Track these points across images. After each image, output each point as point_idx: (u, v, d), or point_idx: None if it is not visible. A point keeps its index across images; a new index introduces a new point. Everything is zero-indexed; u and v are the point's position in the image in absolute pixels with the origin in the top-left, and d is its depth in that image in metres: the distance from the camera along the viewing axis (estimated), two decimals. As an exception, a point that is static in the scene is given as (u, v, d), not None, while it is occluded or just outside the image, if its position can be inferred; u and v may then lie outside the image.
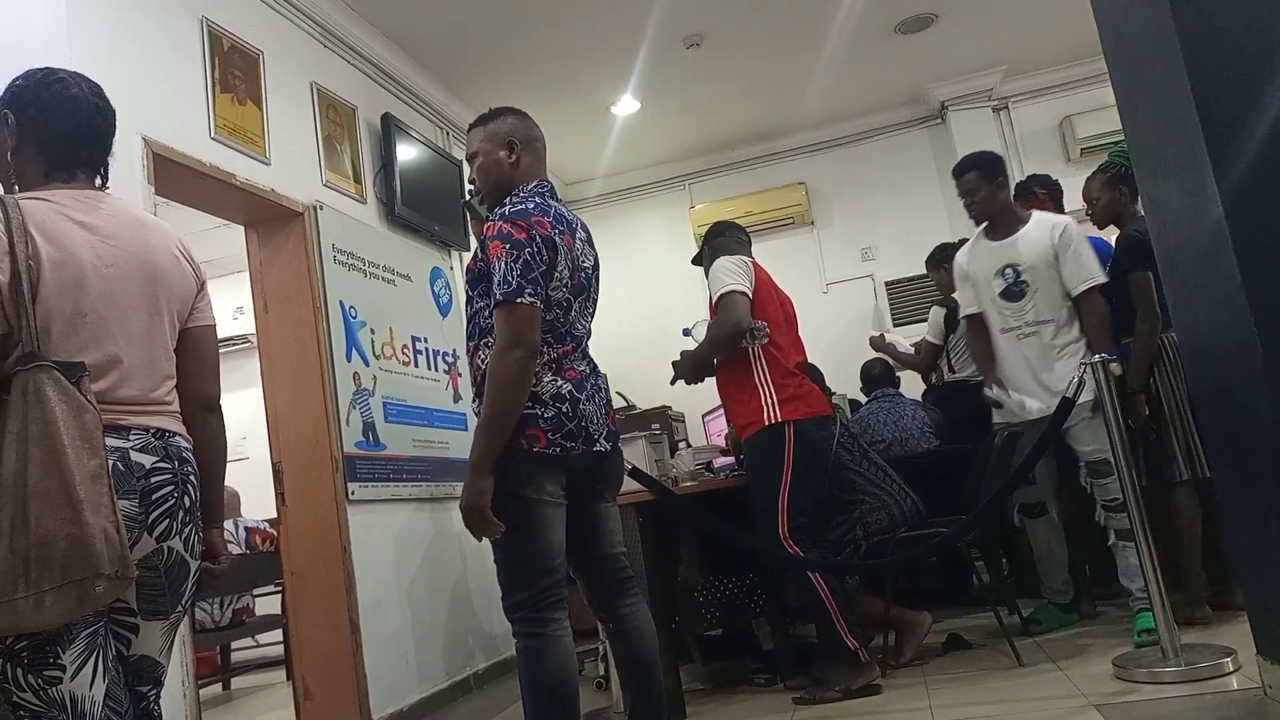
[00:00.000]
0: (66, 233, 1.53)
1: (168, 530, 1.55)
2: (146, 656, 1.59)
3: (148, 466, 1.54)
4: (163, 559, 1.55)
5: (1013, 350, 3.33)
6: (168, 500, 1.56)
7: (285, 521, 3.61)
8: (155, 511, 1.54)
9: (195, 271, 1.76)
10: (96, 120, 1.70)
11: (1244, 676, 2.38)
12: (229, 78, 3.48)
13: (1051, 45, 5.91)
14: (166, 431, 1.61)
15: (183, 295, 1.70)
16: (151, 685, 1.62)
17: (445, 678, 4.03)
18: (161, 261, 1.66)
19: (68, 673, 1.42)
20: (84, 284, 1.53)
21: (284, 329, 3.71)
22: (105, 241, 1.58)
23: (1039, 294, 3.25)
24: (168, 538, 1.55)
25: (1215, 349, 2.22)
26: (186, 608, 1.66)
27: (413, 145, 4.68)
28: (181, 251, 1.73)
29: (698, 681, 3.55)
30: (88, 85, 1.71)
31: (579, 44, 4.95)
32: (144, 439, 1.56)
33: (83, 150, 1.67)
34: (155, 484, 1.54)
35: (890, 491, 3.33)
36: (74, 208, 1.58)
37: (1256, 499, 2.13)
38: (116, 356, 1.55)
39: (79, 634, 1.44)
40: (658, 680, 2.23)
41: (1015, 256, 3.31)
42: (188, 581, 1.62)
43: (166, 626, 1.61)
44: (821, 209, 6.64)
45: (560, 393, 2.08)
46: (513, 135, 2.26)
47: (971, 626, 3.64)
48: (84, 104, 1.68)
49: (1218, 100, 1.96)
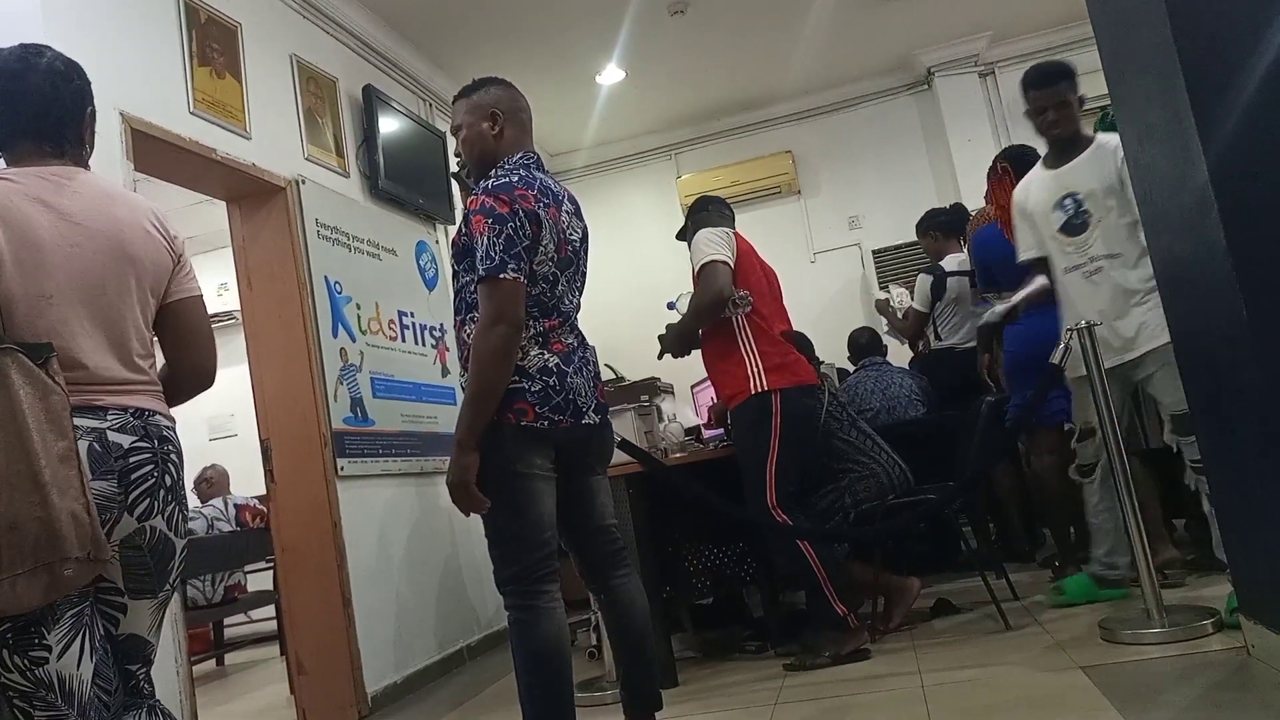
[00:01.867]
0: (28, 214, 1.51)
1: (149, 509, 1.54)
2: (135, 635, 1.59)
3: (126, 446, 1.53)
4: (145, 538, 1.54)
5: (1082, 292, 2.98)
6: (148, 479, 1.54)
7: (275, 498, 3.60)
8: (135, 491, 1.53)
9: (170, 245, 1.72)
10: (74, 97, 1.67)
11: (1226, 637, 2.41)
12: (207, 50, 3.42)
13: (1038, 10, 5.88)
14: (146, 410, 1.59)
15: (156, 270, 1.67)
16: (141, 664, 1.61)
17: (438, 651, 4.05)
18: (131, 237, 1.63)
19: (53, 653, 1.42)
20: (46, 265, 1.51)
21: (269, 305, 3.68)
22: (69, 220, 1.56)
23: (1102, 224, 2.94)
24: (149, 517, 1.54)
25: (1200, 314, 2.23)
26: (175, 586, 1.65)
27: (395, 118, 4.63)
28: (155, 225, 1.70)
29: (689, 650, 3.58)
30: (62, 61, 1.67)
31: (562, 13, 4.89)
32: (121, 419, 1.55)
33: (62, 129, 1.65)
34: (134, 464, 1.53)
35: (879, 460, 3.36)
36: (38, 188, 1.55)
37: (1241, 462, 2.15)
38: (85, 336, 1.54)
39: (63, 614, 1.44)
40: (650, 650, 2.25)
41: (1075, 184, 3.00)
42: (174, 560, 1.61)
43: (155, 605, 1.60)
44: (808, 178, 6.62)
45: (547, 366, 2.07)
46: (496, 106, 2.23)
47: (959, 591, 3.68)
48: (59, 80, 1.65)
49: (1203, 64, 1.96)
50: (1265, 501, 2.03)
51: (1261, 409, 1.96)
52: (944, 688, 2.53)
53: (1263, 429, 1.98)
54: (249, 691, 4.75)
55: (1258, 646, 2.18)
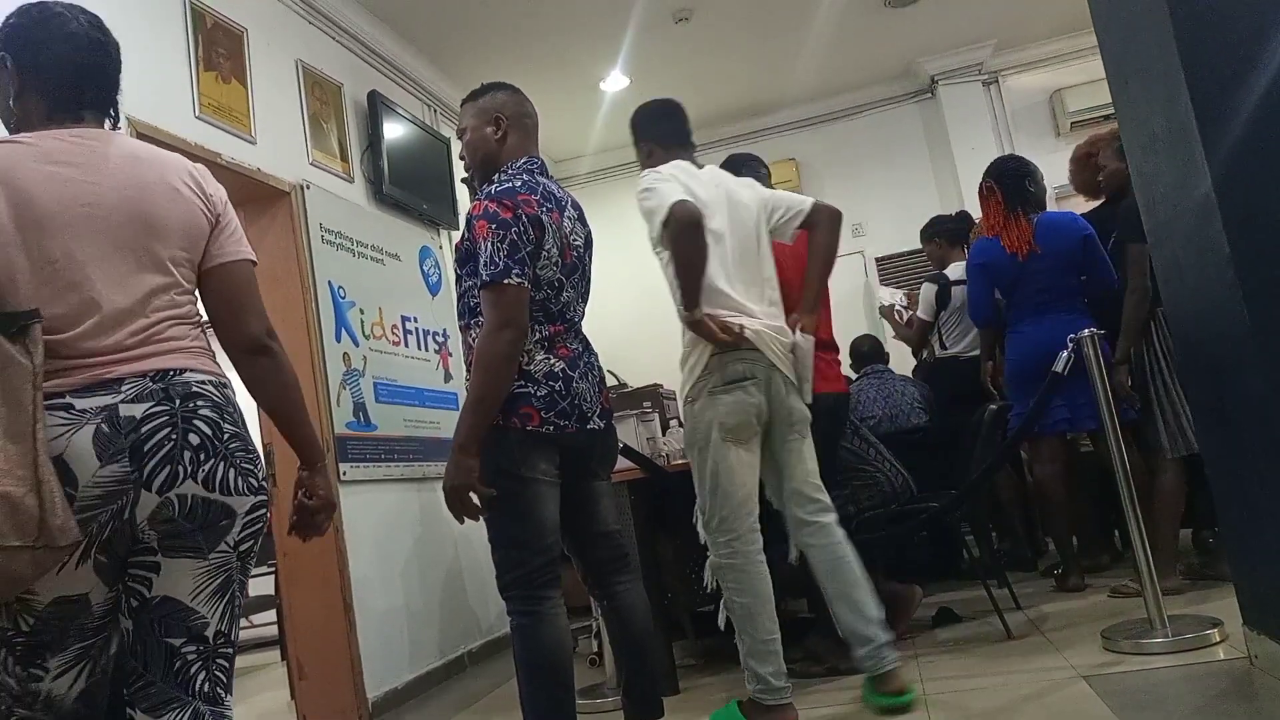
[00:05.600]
0: (35, 178, 1.42)
1: (171, 478, 1.39)
2: (170, 599, 1.41)
3: (139, 416, 1.39)
4: (175, 509, 1.40)
5: None
6: (165, 445, 1.39)
7: (277, 503, 3.59)
8: (150, 462, 1.38)
9: (207, 205, 1.58)
10: (99, 57, 1.57)
11: (1230, 647, 2.40)
12: (213, 56, 3.43)
13: (1042, 18, 5.89)
14: (171, 371, 1.45)
15: (186, 230, 1.54)
16: (185, 639, 1.42)
17: (439, 656, 4.05)
18: (156, 197, 1.51)
19: (49, 675, 1.39)
20: (50, 228, 1.41)
21: (272, 310, 3.57)
22: (85, 181, 1.46)
23: None
24: (174, 486, 1.39)
25: (1204, 322, 2.23)
26: (243, 551, 1.48)
27: (400, 123, 4.64)
28: (191, 185, 1.57)
29: (690, 657, 3.58)
30: (85, 18, 1.57)
31: (568, 19, 4.91)
32: (138, 386, 1.41)
33: (88, 91, 1.55)
34: (146, 433, 1.39)
35: (881, 468, 3.35)
36: (55, 150, 1.47)
37: (1244, 471, 2.14)
38: (95, 302, 1.43)
39: (71, 645, 1.40)
40: (651, 656, 2.25)
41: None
42: (231, 520, 1.45)
43: (204, 568, 1.43)
44: (812, 185, 6.61)
45: (553, 371, 2.07)
46: (500, 111, 2.23)
47: (961, 600, 3.67)
48: (83, 40, 1.55)
49: (1208, 74, 1.96)
50: (1269, 510, 2.02)
51: (1265, 417, 1.95)
52: (946, 696, 2.53)
53: (1266, 438, 1.97)
54: (249, 697, 4.74)
55: (1261, 657, 2.17)
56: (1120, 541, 4.05)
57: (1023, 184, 3.61)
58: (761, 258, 2.61)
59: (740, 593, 2.44)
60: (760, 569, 2.45)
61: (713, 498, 2.47)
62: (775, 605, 2.48)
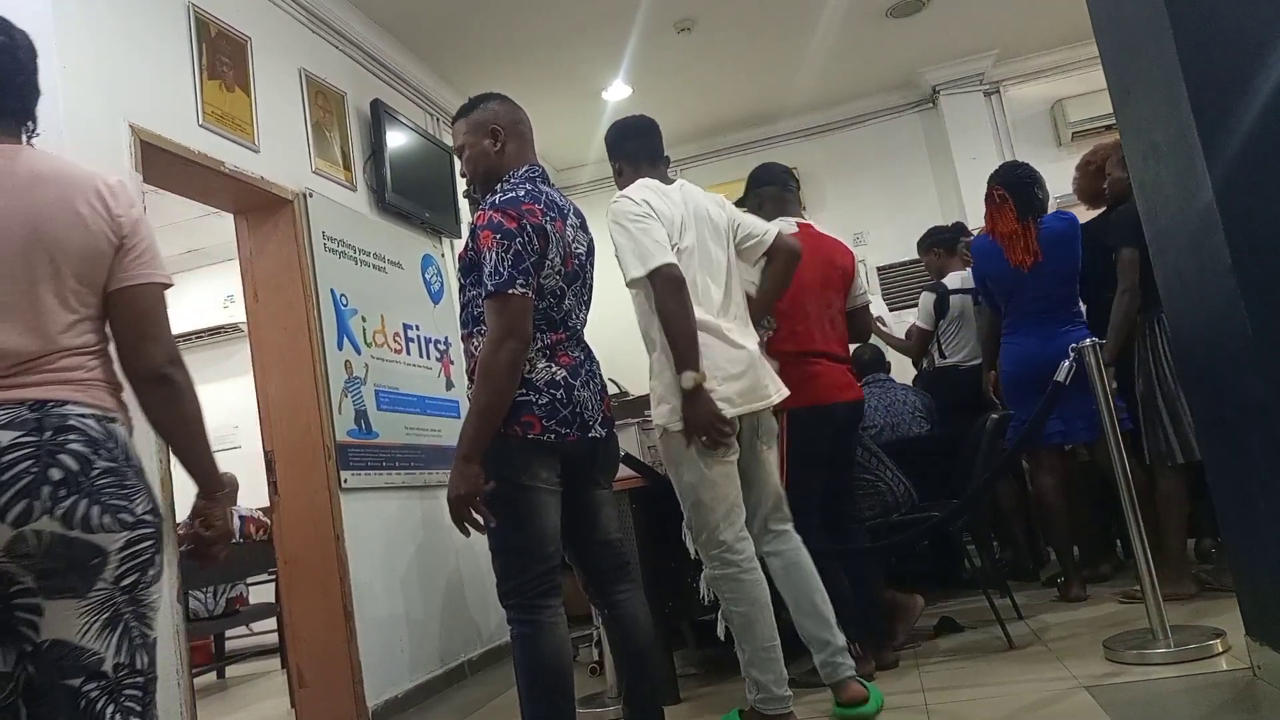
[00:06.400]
0: None
1: (25, 512, 1.35)
2: (61, 642, 1.38)
3: (4, 444, 1.36)
4: (29, 544, 1.36)
5: None
6: (23, 477, 1.35)
7: (278, 510, 3.60)
8: (6, 494, 1.34)
9: (112, 226, 1.51)
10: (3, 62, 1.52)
11: (1233, 658, 2.40)
12: (217, 64, 3.45)
13: (1043, 29, 5.91)
14: (50, 402, 1.41)
15: (84, 253, 1.48)
16: (84, 678, 1.39)
17: (439, 664, 4.04)
18: (53, 218, 1.46)
19: None
20: None
21: (275, 317, 3.70)
22: None
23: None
24: (29, 520, 1.35)
25: (1205, 331, 2.23)
26: (126, 587, 1.43)
27: (403, 132, 4.66)
28: (98, 204, 1.51)
29: (691, 665, 3.57)
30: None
31: (569, 29, 4.93)
32: (11, 414, 1.38)
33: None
34: (6, 463, 1.35)
35: (883, 478, 3.35)
36: None
37: (1246, 481, 2.14)
38: None
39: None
40: (652, 665, 2.24)
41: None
42: (104, 558, 1.40)
43: (86, 606, 1.40)
44: (813, 194, 6.63)
45: (555, 379, 2.08)
46: (496, 122, 2.23)
47: (963, 609, 3.66)
48: None
49: (1208, 83, 1.96)
50: (1272, 520, 2.02)
51: (1267, 427, 1.95)
52: (947, 706, 2.52)
53: (1268, 447, 1.97)
54: (250, 704, 4.73)
55: (1264, 667, 2.17)
56: (1122, 551, 4.05)
57: (1033, 192, 3.60)
58: (730, 274, 2.60)
59: (736, 602, 2.43)
60: (755, 576, 2.43)
61: (696, 513, 2.45)
62: (777, 615, 2.47)
